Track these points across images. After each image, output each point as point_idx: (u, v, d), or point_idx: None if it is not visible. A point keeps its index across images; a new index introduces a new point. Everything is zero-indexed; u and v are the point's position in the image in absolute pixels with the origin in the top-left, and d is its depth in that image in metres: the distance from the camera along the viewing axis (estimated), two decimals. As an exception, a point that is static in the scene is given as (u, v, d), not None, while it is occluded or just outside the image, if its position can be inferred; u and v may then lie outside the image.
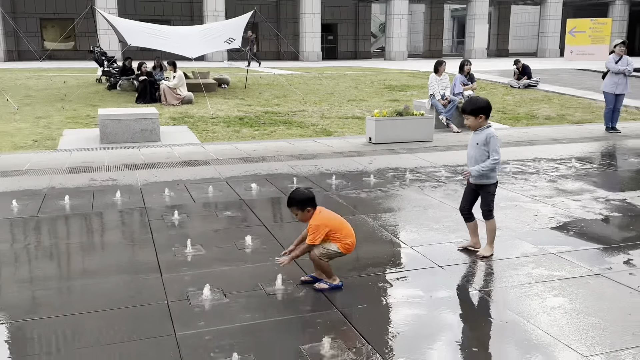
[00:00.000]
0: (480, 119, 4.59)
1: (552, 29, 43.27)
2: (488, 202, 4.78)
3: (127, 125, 10.47)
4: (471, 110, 4.58)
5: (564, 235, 5.44)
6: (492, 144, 4.55)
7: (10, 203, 6.41)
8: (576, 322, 3.69)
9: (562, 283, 4.30)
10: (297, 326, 3.67)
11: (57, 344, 3.49)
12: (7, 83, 18.11)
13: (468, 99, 4.78)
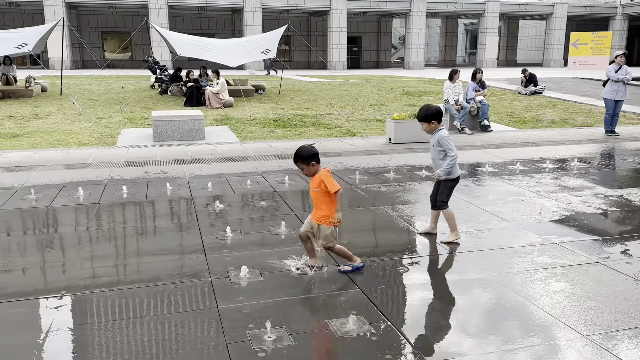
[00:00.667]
0: (433, 124, 4.70)
1: (556, 41, 42.38)
2: (444, 194, 4.86)
3: (176, 125, 10.59)
4: (424, 117, 4.72)
5: (566, 227, 5.33)
6: (445, 144, 4.70)
7: (76, 192, 6.55)
8: (576, 305, 3.62)
9: (564, 270, 4.22)
10: (324, 303, 3.68)
11: (114, 314, 3.55)
12: (73, 88, 18.47)
13: (421, 108, 4.84)
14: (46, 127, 11.88)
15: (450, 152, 4.69)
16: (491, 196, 6.45)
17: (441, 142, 4.69)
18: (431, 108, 4.73)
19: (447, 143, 4.70)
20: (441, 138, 4.70)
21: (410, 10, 38.59)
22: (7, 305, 3.65)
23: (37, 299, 3.75)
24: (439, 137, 4.71)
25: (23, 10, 36.01)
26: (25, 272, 4.24)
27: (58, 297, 3.75)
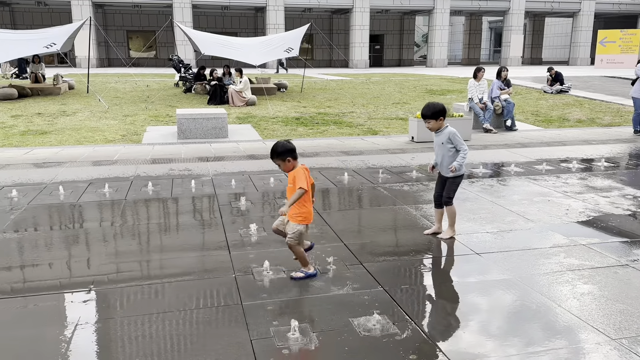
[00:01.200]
0: (441, 121, 4.69)
1: (583, 39, 41.56)
2: (450, 191, 4.85)
3: (200, 123, 10.69)
4: (432, 114, 4.68)
5: (594, 228, 5.23)
6: (457, 140, 4.69)
7: (103, 188, 6.67)
8: (604, 308, 3.55)
9: (591, 272, 4.14)
10: (347, 301, 3.67)
11: (139, 308, 3.60)
12: (99, 86, 18.78)
13: (426, 105, 4.79)
14: (73, 124, 12.10)
15: (463, 146, 4.70)
16: (516, 196, 6.36)
17: (452, 139, 4.67)
18: (437, 105, 4.72)
19: (459, 139, 4.69)
20: (452, 134, 4.68)
21: (434, 7, 38.25)
22: (37, 298, 3.73)
23: (66, 292, 3.83)
24: (449, 133, 4.69)
25: (51, 10, 36.75)
26: (54, 266, 4.33)
27: (86, 291, 3.83)
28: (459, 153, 4.69)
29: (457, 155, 4.70)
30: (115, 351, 3.08)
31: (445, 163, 4.79)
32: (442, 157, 4.80)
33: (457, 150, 4.69)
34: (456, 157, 4.70)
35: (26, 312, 3.53)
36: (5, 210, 5.76)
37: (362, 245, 4.74)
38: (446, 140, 4.70)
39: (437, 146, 4.81)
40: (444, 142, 4.72)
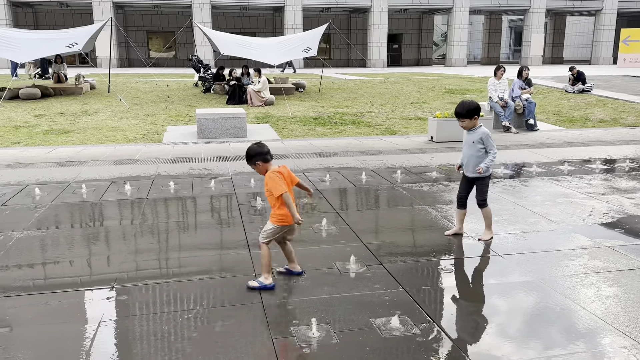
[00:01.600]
0: (475, 120, 4.63)
1: (606, 38, 40.86)
2: (483, 193, 4.79)
3: (219, 123, 10.76)
4: (467, 112, 4.62)
5: (618, 230, 5.14)
6: (489, 142, 4.64)
7: (125, 186, 6.75)
8: (631, 311, 3.49)
9: (616, 274, 4.07)
10: (368, 301, 3.66)
11: (160, 306, 3.64)
12: (120, 86, 19.01)
13: (460, 103, 4.72)
14: (95, 123, 12.27)
15: (493, 149, 4.65)
16: (539, 197, 6.28)
17: (484, 140, 4.62)
18: (472, 103, 4.66)
19: (491, 140, 4.64)
20: (485, 135, 4.63)
21: (453, 6, 37.96)
22: (60, 295, 3.79)
23: (89, 290, 3.88)
24: (482, 134, 4.63)
25: (73, 11, 37.32)
26: (78, 264, 4.40)
27: (109, 289, 3.87)
28: (487, 155, 4.64)
29: (484, 157, 4.65)
30: (138, 348, 3.12)
31: (471, 163, 4.72)
32: (469, 156, 4.73)
33: (487, 152, 4.64)
34: (483, 159, 4.65)
35: (49, 309, 3.59)
36: (30, 208, 5.87)
37: (382, 246, 4.72)
38: (477, 140, 4.64)
39: (467, 145, 4.74)
40: (474, 142, 4.66)
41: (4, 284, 3.95)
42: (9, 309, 3.57)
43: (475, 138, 4.66)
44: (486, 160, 4.63)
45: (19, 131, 11.33)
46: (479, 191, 4.78)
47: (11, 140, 10.45)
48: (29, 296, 3.77)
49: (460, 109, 4.64)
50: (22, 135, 10.88)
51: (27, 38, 16.72)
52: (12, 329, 3.32)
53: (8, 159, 8.60)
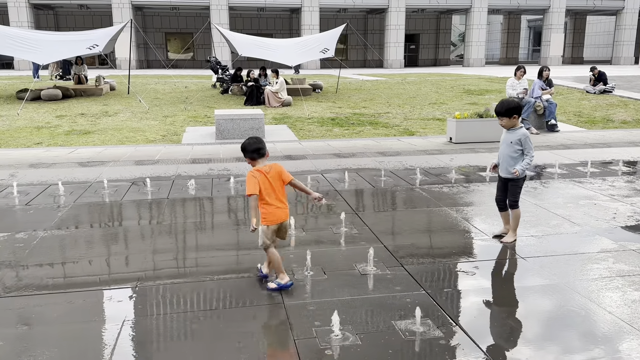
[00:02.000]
0: (515, 119, 4.58)
1: (627, 37, 40.17)
2: (515, 194, 4.75)
3: (238, 124, 10.82)
4: (506, 110, 4.57)
5: (644, 233, 5.05)
6: (527, 144, 4.58)
7: (146, 187, 6.82)
8: (659, 316, 3.42)
9: (643, 278, 4.00)
10: (389, 303, 3.64)
11: (183, 305, 3.66)
12: (140, 87, 19.21)
13: (500, 102, 4.70)
14: (115, 124, 12.42)
15: (531, 152, 4.60)
16: (561, 199, 6.20)
17: (523, 141, 4.57)
18: (512, 102, 4.65)
19: (529, 142, 4.59)
20: (524, 137, 4.58)
21: (471, 6, 37.67)
22: (84, 294, 3.84)
23: (112, 289, 3.93)
24: (521, 135, 4.58)
25: (92, 13, 37.83)
26: (101, 263, 4.45)
27: (132, 288, 3.91)
28: (524, 157, 4.59)
29: (519, 159, 4.60)
30: (160, 348, 3.14)
31: (506, 163, 4.67)
32: (504, 156, 4.67)
33: (524, 154, 4.59)
34: (518, 160, 4.60)
35: (73, 308, 3.64)
36: (53, 208, 5.96)
37: (402, 247, 4.70)
38: (516, 141, 4.58)
39: (504, 144, 4.69)
40: (512, 142, 4.60)
41: (29, 283, 4.01)
42: (35, 307, 3.63)
43: (514, 138, 4.60)
44: (522, 162, 4.58)
45: (41, 132, 11.52)
46: (511, 192, 4.75)
47: (34, 140, 10.63)
48: (54, 295, 3.82)
49: (499, 108, 4.61)
50: (44, 136, 11.06)
51: (48, 40, 16.99)
52: (38, 327, 3.37)
53: (31, 159, 8.75)
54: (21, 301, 3.72)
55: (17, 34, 16.96)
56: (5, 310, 3.61)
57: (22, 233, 5.11)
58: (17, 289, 3.89)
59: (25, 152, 9.44)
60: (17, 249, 4.68)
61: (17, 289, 3.90)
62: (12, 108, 14.48)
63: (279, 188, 3.84)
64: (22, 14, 32.71)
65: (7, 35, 16.24)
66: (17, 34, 17.01)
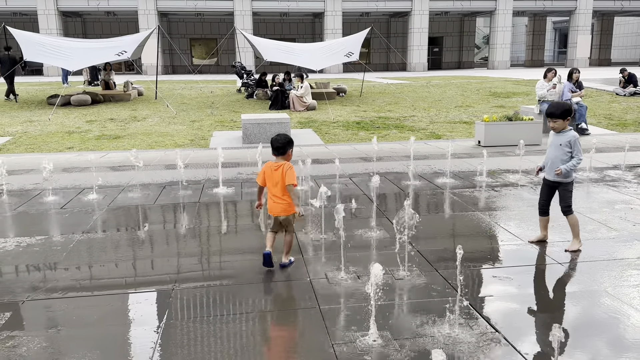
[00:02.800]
0: (567, 121, 4.56)
1: (657, 38, 39.27)
2: (567, 199, 4.64)
3: (264, 128, 10.88)
4: (561, 113, 4.53)
5: (685, 239, 4.91)
6: (577, 146, 4.52)
7: (177, 191, 6.90)
8: None
9: (687, 285, 3.89)
10: (426, 309, 3.61)
11: (220, 309, 3.68)
12: (166, 92, 19.48)
13: (554, 104, 4.69)
14: (144, 129, 12.61)
15: (579, 155, 4.52)
16: (596, 204, 6.07)
17: (573, 144, 4.51)
18: (566, 104, 4.64)
19: (579, 145, 4.53)
20: (574, 139, 4.52)
21: (496, 8, 37.28)
22: (123, 296, 3.90)
23: (150, 291, 3.98)
24: (571, 137, 4.53)
25: (119, 19, 38.54)
26: (138, 265, 4.51)
27: (169, 291, 3.96)
28: (572, 160, 4.51)
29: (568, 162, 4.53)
30: (199, 351, 3.17)
31: (555, 167, 4.58)
32: (554, 159, 4.59)
33: (572, 157, 4.52)
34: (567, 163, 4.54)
35: (113, 310, 3.70)
36: (88, 212, 6.07)
37: (435, 252, 4.66)
38: (565, 143, 4.53)
39: (554, 147, 4.62)
40: (562, 144, 4.54)
41: (68, 285, 4.09)
42: (75, 309, 3.69)
43: (564, 140, 4.54)
44: (568, 163, 4.50)
45: (72, 136, 11.76)
46: (561, 197, 4.65)
47: (65, 145, 10.86)
48: (93, 297, 3.89)
49: (554, 109, 4.56)
50: (75, 141, 11.29)
51: (77, 47, 17.36)
52: (79, 330, 3.43)
53: (63, 163, 8.94)
54: (60, 303, 3.79)
55: (46, 41, 17.38)
56: (45, 312, 3.69)
57: (58, 236, 5.22)
58: (55, 291, 3.97)
59: (58, 156, 9.64)
60: (54, 252, 4.77)
61: (56, 291, 3.98)
62: (43, 113, 14.82)
63: (280, 184, 4.21)
64: (52, 21, 33.50)
65: (37, 42, 16.65)
66: (47, 41, 17.43)
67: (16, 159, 9.43)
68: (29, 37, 16.85)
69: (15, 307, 3.73)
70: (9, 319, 3.55)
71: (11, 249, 4.90)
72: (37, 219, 5.84)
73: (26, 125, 13.05)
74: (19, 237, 5.23)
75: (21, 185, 7.41)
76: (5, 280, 4.26)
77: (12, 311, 3.66)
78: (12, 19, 35.86)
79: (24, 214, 6.05)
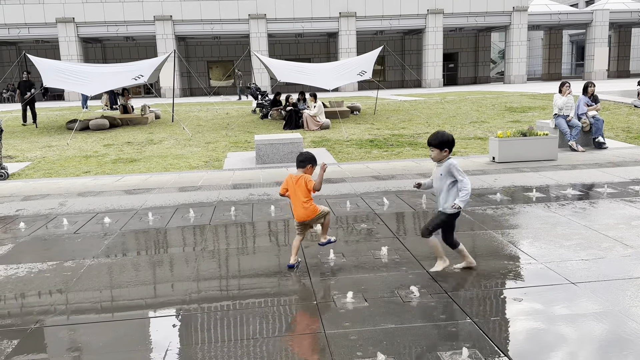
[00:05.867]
0: (445, 153, 4.39)
1: (676, 48, 38.72)
2: (436, 223, 4.49)
3: (277, 148, 10.93)
4: (438, 143, 4.37)
5: None
6: (457, 171, 4.35)
7: (188, 213, 6.94)
8: None
9: None
10: (433, 333, 3.53)
11: (224, 333, 3.65)
12: (183, 115, 19.75)
13: (434, 133, 4.48)
14: (160, 152, 12.77)
15: (463, 178, 4.34)
16: (612, 220, 5.92)
17: (452, 170, 4.33)
18: (447, 134, 4.41)
19: (458, 170, 4.33)
20: (452, 166, 4.33)
21: (511, 23, 37.20)
22: (129, 322, 3.89)
23: (156, 317, 3.97)
24: (449, 165, 4.35)
25: (138, 44, 39.41)
26: (145, 290, 4.52)
27: (175, 316, 3.94)
28: (461, 192, 4.31)
29: (454, 190, 4.34)
30: (204, 377, 3.13)
31: (443, 199, 4.46)
32: (440, 190, 4.47)
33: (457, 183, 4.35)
34: (454, 193, 4.34)
35: (119, 336, 3.69)
36: (100, 236, 6.12)
37: (445, 273, 4.57)
38: (445, 172, 4.37)
39: (436, 179, 4.46)
40: (442, 174, 4.39)
41: (76, 310, 4.10)
42: (82, 336, 3.70)
43: (443, 171, 4.37)
44: (460, 196, 4.31)
45: (89, 160, 11.96)
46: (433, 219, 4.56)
47: (82, 169, 11.03)
48: (100, 323, 3.90)
49: (431, 138, 4.42)
50: (92, 165, 11.47)
51: (95, 72, 17.75)
52: (85, 356, 3.43)
53: (79, 188, 9.07)
54: (68, 329, 3.80)
55: (66, 67, 17.82)
56: (54, 338, 3.70)
57: (70, 261, 5.26)
58: (64, 317, 3.99)
59: (74, 181, 9.80)
60: (65, 278, 4.81)
61: (65, 316, 4.00)
62: (62, 138, 15.12)
63: (301, 193, 4.75)
64: (72, 48, 34.40)
65: (58, 69, 17.07)
66: (66, 67, 17.86)
67: (33, 184, 9.61)
68: (48, 64, 17.29)
69: (24, 334, 3.75)
70: (16, 345, 3.57)
71: (23, 274, 4.96)
72: (50, 244, 5.91)
73: (45, 150, 13.32)
74: (31, 262, 5.29)
75: (36, 210, 7.52)
76: (15, 306, 4.30)
77: (20, 338, 3.68)
78: (35, 46, 36.98)
79: (37, 239, 6.13)
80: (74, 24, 34.19)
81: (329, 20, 35.88)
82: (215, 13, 34.97)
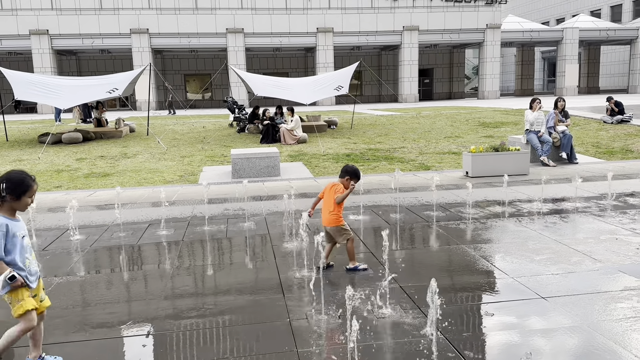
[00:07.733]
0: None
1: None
2: None
3: (253, 162, 10.89)
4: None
5: (670, 269, 4.87)
6: None
7: (161, 230, 6.84)
8: (690, 360, 3.25)
9: (671, 318, 3.83)
10: (407, 350, 3.53)
11: (197, 353, 3.60)
12: (159, 128, 19.56)
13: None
14: (134, 166, 12.60)
15: None
16: (581, 234, 6.05)
17: None
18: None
19: None
20: None
21: (484, 40, 38.01)
22: (99, 342, 3.80)
23: (127, 337, 3.89)
24: None
25: (114, 57, 39.04)
26: (116, 309, 4.42)
27: (145, 336, 3.87)
28: None
29: None
30: (173, 398, 3.07)
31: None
32: None
33: None
34: None
35: (87, 356, 3.60)
36: (69, 253, 5.99)
37: (419, 288, 4.59)
38: None
39: None
40: None
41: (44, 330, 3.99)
42: (48, 357, 3.59)
43: None
44: None
45: (61, 175, 11.73)
46: None
47: (53, 184, 10.81)
48: (68, 344, 3.80)
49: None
50: (64, 179, 11.25)
51: (69, 85, 17.51)
52: (50, 378, 3.33)
53: (50, 203, 8.88)
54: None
55: (39, 80, 17.53)
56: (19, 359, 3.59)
57: (38, 279, 5.12)
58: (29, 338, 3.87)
59: (44, 196, 9.59)
60: (32, 296, 4.67)
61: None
62: (33, 152, 14.83)
63: (330, 200, 5.02)
64: (46, 60, 33.88)
65: (30, 82, 16.79)
66: (39, 80, 17.58)
67: (3, 199, 9.36)
68: (20, 76, 17.00)
69: (-14, 356, 3.62)
70: (-22, 368, 3.45)
71: (-12, 293, 4.80)
72: (17, 262, 5.74)
73: (15, 165, 13.03)
74: (-3, 280, 5.13)
75: (5, 226, 7.33)
76: (-21, 327, 4.16)
77: (-18, 360, 3.56)
78: (8, 58, 36.31)
79: (4, 256, 5.96)
80: (48, 36, 33.72)
81: (306, 35, 36.14)
82: (192, 27, 34.90)
